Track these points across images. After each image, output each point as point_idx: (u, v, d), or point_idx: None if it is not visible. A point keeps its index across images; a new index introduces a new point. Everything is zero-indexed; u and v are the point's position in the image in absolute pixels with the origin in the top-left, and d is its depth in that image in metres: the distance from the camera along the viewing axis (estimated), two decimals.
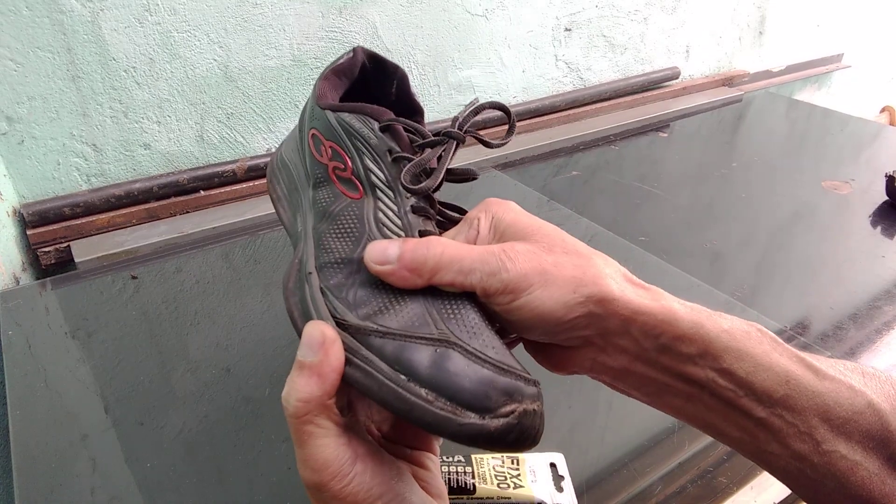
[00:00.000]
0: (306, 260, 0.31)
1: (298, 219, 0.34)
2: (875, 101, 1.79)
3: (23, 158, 0.65)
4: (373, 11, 0.80)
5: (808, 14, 1.41)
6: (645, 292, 0.29)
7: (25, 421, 0.45)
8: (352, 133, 0.33)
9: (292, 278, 0.30)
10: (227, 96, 0.74)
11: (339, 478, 0.25)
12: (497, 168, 0.89)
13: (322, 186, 0.33)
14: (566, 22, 1.00)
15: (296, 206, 0.35)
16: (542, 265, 0.28)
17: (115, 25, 0.64)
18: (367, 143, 0.33)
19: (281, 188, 0.37)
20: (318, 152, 0.34)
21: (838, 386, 0.29)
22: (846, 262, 0.69)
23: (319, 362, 0.25)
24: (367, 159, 0.33)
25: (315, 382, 0.25)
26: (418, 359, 0.26)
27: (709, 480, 0.41)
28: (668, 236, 0.72)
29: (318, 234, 0.32)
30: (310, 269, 0.30)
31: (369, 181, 0.32)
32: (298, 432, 0.25)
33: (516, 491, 0.38)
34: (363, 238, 0.31)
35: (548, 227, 0.31)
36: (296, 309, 0.29)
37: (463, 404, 0.25)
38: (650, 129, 1.07)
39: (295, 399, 0.25)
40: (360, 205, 0.32)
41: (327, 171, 0.33)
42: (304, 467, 0.26)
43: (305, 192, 0.35)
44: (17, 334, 0.54)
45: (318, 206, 0.33)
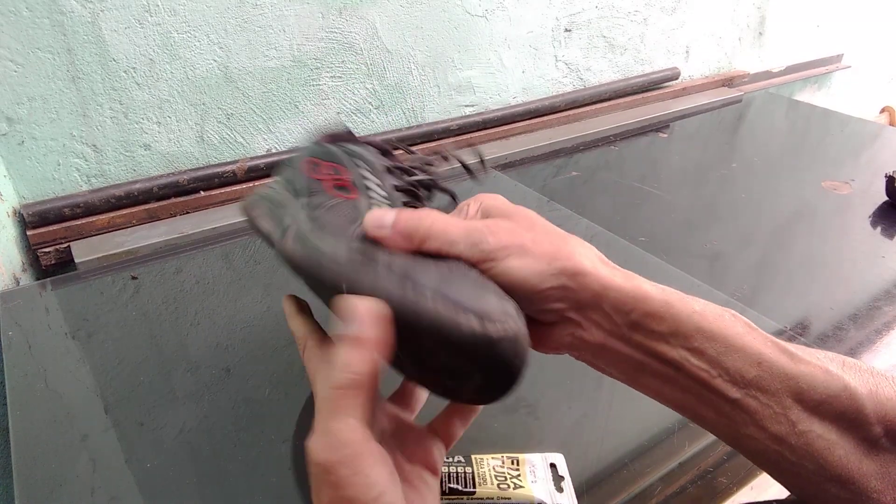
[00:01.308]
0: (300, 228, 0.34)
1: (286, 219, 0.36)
2: (875, 101, 1.79)
3: (23, 159, 0.65)
4: (373, 12, 0.80)
5: (808, 14, 1.41)
6: (617, 272, 0.31)
7: (25, 421, 0.45)
8: (353, 154, 0.39)
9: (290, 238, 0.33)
10: (227, 97, 0.74)
11: (350, 465, 0.24)
12: (497, 168, 0.89)
13: (316, 194, 0.37)
14: (566, 23, 1.00)
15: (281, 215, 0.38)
16: (521, 240, 0.31)
17: (116, 26, 0.64)
18: (366, 162, 0.38)
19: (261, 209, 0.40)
20: (313, 171, 0.39)
21: (813, 369, 0.29)
22: (846, 263, 0.69)
23: (371, 336, 0.26)
24: (365, 171, 0.38)
25: (367, 358, 0.25)
26: (427, 272, 0.28)
27: (709, 481, 0.41)
28: (669, 236, 0.72)
29: (313, 218, 0.34)
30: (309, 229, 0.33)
31: (364, 185, 0.37)
32: (337, 403, 0.25)
33: (516, 491, 0.38)
34: (358, 216, 0.34)
35: (530, 212, 0.33)
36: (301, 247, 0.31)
37: (464, 307, 0.26)
38: (650, 129, 1.07)
39: (351, 371, 0.25)
40: (355, 202, 0.36)
41: (322, 184, 0.37)
42: (323, 441, 0.25)
43: (295, 202, 0.38)
44: (18, 334, 0.54)
45: (312, 204, 0.36)
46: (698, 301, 0.31)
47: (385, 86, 0.86)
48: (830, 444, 0.29)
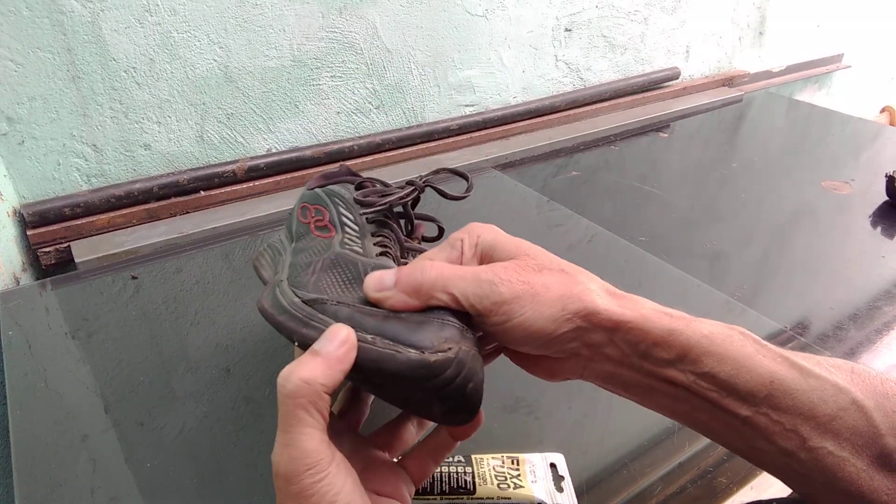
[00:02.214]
0: (277, 282, 0.36)
1: (279, 267, 0.39)
2: (875, 101, 1.79)
3: (23, 159, 0.65)
4: (373, 12, 0.80)
5: (808, 14, 1.41)
6: (626, 303, 0.31)
7: (25, 421, 0.45)
8: (333, 194, 0.41)
9: (264, 294, 0.35)
10: (227, 97, 0.74)
11: (313, 472, 0.25)
12: (497, 168, 0.89)
13: (302, 238, 0.40)
14: (566, 22, 1.00)
15: (277, 262, 0.41)
16: (533, 287, 0.30)
17: (116, 26, 0.64)
18: (342, 199, 0.40)
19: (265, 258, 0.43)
20: (303, 216, 0.41)
21: (823, 384, 0.29)
22: (846, 263, 0.69)
23: (333, 353, 0.27)
24: (342, 209, 0.40)
25: (322, 369, 0.26)
26: (368, 319, 0.30)
27: (709, 481, 0.41)
28: (669, 236, 0.72)
29: (292, 265, 0.37)
30: (281, 279, 0.35)
31: (341, 223, 0.39)
32: (289, 415, 0.26)
33: (516, 491, 0.38)
34: (328, 249, 0.36)
35: (534, 248, 0.32)
36: (267, 302, 0.34)
37: (403, 342, 0.28)
38: (650, 129, 1.07)
39: (297, 377, 0.26)
40: (331, 238, 0.38)
41: (309, 227, 0.40)
42: (282, 453, 0.26)
43: (288, 246, 0.41)
44: (18, 334, 0.54)
45: (296, 247, 0.39)
46: (706, 324, 0.31)
47: (385, 85, 0.86)
48: (841, 461, 0.29)
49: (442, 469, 0.39)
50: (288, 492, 0.26)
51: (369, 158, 0.86)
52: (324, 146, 0.82)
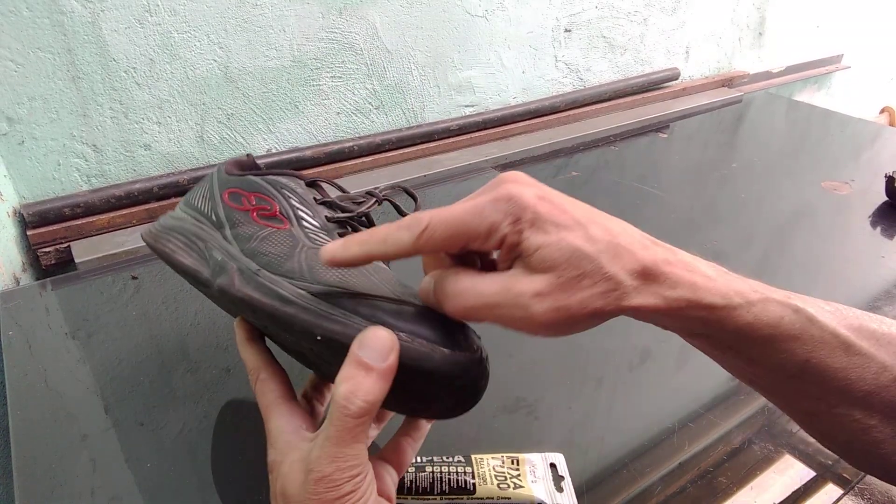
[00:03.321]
0: (247, 266, 0.34)
1: (214, 253, 0.37)
2: (875, 101, 1.79)
3: (23, 159, 0.65)
4: (373, 12, 0.80)
5: (808, 15, 1.41)
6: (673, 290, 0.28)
7: (25, 421, 0.45)
8: (279, 185, 0.39)
9: (236, 279, 0.33)
10: (227, 97, 0.74)
11: (357, 479, 0.27)
12: (497, 169, 0.89)
13: (242, 225, 0.37)
14: (566, 23, 1.00)
15: (204, 248, 0.38)
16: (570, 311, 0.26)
17: (116, 26, 0.64)
18: (293, 192, 0.38)
19: (175, 242, 0.40)
20: (235, 202, 0.39)
21: (866, 362, 0.28)
22: (846, 263, 0.69)
23: (387, 367, 0.27)
24: (295, 202, 0.38)
25: (380, 386, 0.27)
26: (390, 314, 0.29)
27: (709, 481, 0.41)
28: (669, 237, 0.71)
29: (249, 251, 0.35)
30: (254, 269, 0.33)
31: (296, 215, 0.37)
32: (349, 432, 0.26)
33: (516, 491, 0.38)
34: (299, 242, 0.35)
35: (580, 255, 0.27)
36: (249, 288, 0.32)
37: (436, 341, 0.29)
38: (650, 129, 1.07)
39: (362, 400, 0.26)
40: (288, 230, 0.36)
41: (248, 214, 0.38)
42: (329, 463, 0.26)
43: (216, 232, 0.38)
44: (18, 334, 0.54)
45: (242, 236, 0.36)
46: (756, 304, 0.28)
47: (385, 86, 0.86)
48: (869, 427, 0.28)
49: (442, 469, 0.39)
50: (327, 497, 0.26)
51: (369, 159, 0.86)
52: (324, 146, 0.82)
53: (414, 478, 0.38)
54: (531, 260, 0.27)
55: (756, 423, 0.46)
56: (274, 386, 0.32)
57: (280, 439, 0.30)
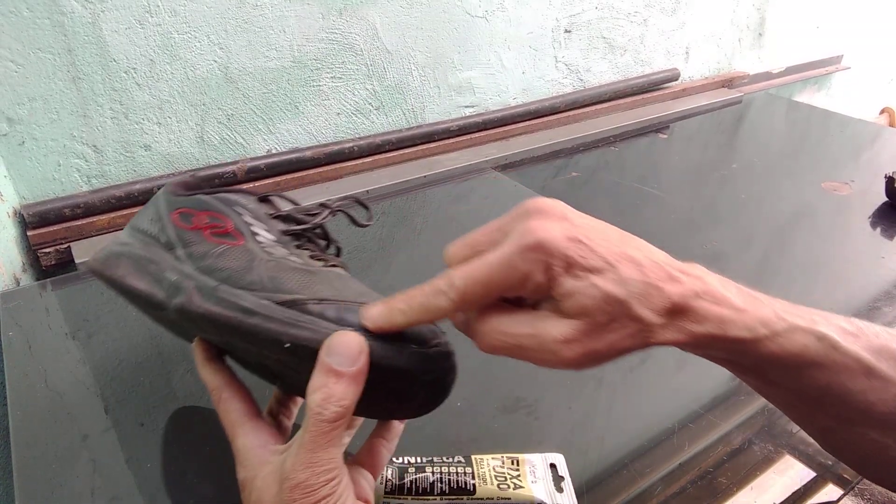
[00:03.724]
0: (205, 284, 0.33)
1: (168, 274, 0.36)
2: (875, 102, 1.79)
3: (23, 159, 0.65)
4: (373, 13, 0.80)
5: (808, 16, 1.41)
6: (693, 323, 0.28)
7: (25, 421, 0.45)
8: (229, 202, 0.38)
9: (195, 296, 0.33)
10: (227, 97, 0.74)
11: (333, 484, 0.27)
12: (497, 169, 0.89)
13: (195, 244, 0.36)
14: (566, 23, 1.00)
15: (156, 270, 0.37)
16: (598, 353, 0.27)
17: (116, 27, 0.64)
18: (245, 208, 0.37)
19: (126, 267, 0.38)
20: (185, 222, 0.38)
21: (887, 385, 0.28)
22: (846, 263, 0.69)
23: (358, 370, 0.27)
24: (248, 218, 0.37)
25: (353, 390, 0.27)
26: (357, 317, 0.30)
27: (709, 481, 0.41)
28: (669, 237, 0.72)
29: (206, 268, 0.34)
30: (212, 285, 0.33)
31: (250, 231, 0.36)
32: (323, 437, 0.27)
33: (516, 491, 0.38)
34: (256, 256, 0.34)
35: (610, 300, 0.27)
36: (210, 304, 0.32)
37: (405, 340, 0.29)
38: (650, 130, 1.07)
39: (336, 405, 0.27)
40: (244, 246, 0.35)
41: (201, 233, 0.37)
42: (304, 469, 0.26)
43: (167, 254, 0.37)
44: (18, 335, 0.54)
45: (196, 254, 0.36)
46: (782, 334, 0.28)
47: (385, 86, 0.86)
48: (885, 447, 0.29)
49: (442, 469, 0.39)
50: (304, 503, 0.26)
51: (369, 159, 0.86)
52: (324, 147, 0.82)
53: (414, 478, 0.38)
54: (562, 305, 0.27)
55: (756, 423, 0.46)
56: (237, 404, 0.32)
57: (249, 456, 0.30)
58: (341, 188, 0.81)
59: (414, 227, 0.74)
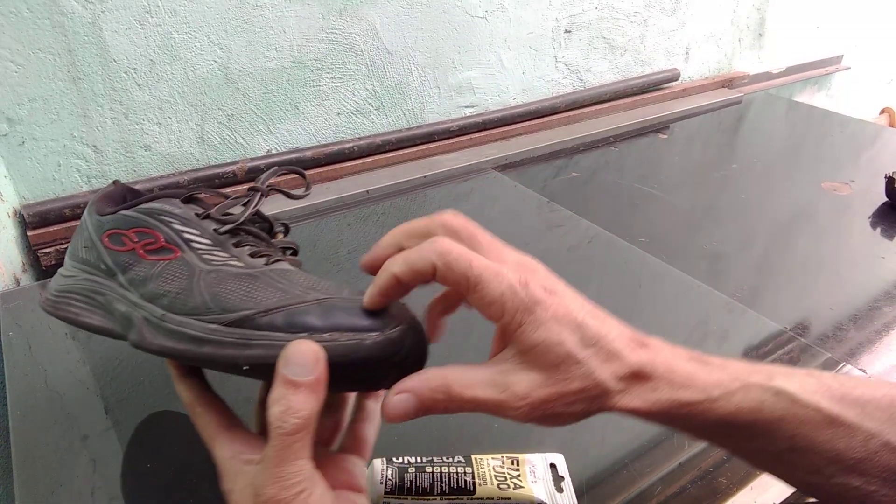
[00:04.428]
0: (151, 313, 0.33)
1: (117, 305, 0.35)
2: (875, 102, 1.79)
3: (23, 160, 0.65)
4: (373, 13, 0.80)
5: (808, 16, 1.41)
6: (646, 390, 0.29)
7: (25, 421, 0.45)
8: (154, 213, 0.36)
9: (146, 331, 0.32)
10: (227, 98, 0.74)
11: (304, 496, 0.26)
12: (497, 169, 0.89)
13: (133, 267, 0.35)
14: (566, 24, 1.00)
15: (105, 303, 0.36)
16: (554, 411, 0.28)
17: (116, 27, 0.64)
18: (172, 215, 0.35)
19: (77, 305, 0.38)
20: (118, 245, 0.36)
21: (852, 432, 0.29)
22: (846, 264, 0.69)
23: (315, 378, 0.27)
24: (178, 226, 0.35)
25: (312, 399, 0.27)
26: (308, 318, 0.29)
27: (709, 481, 0.41)
28: (669, 237, 0.72)
29: (149, 295, 0.33)
30: (159, 314, 0.32)
31: (183, 239, 0.34)
32: (286, 450, 0.26)
33: (516, 491, 0.38)
34: (195, 270, 0.33)
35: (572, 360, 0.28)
36: (161, 339, 0.31)
37: (359, 328, 0.29)
38: (650, 130, 1.07)
39: (295, 417, 0.26)
40: (181, 259, 0.34)
41: (135, 254, 0.35)
42: (272, 484, 0.26)
43: (111, 282, 0.36)
44: (18, 335, 0.54)
45: (137, 279, 0.34)
46: (737, 393, 0.29)
47: (385, 87, 0.86)
48: (872, 493, 0.29)
49: (442, 469, 0.39)
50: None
51: (369, 159, 0.86)
52: (324, 147, 0.82)
53: (414, 478, 0.38)
54: (527, 354, 0.28)
55: None
56: (211, 417, 0.32)
57: (226, 468, 0.30)
58: (341, 188, 0.81)
59: None
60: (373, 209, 0.78)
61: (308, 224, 0.74)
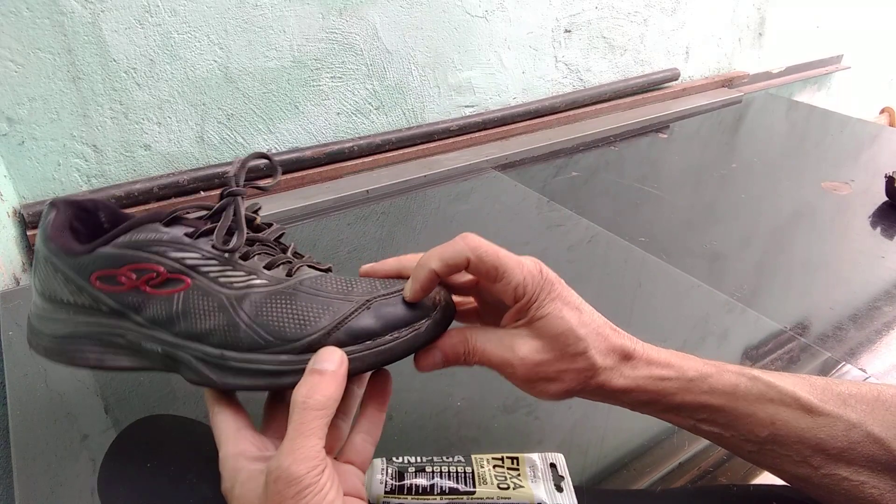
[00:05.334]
0: (205, 354, 0.32)
1: (147, 345, 0.34)
2: (875, 102, 1.79)
3: (23, 159, 0.65)
4: (373, 12, 0.80)
5: (808, 15, 1.41)
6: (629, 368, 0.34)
7: (25, 421, 0.45)
8: (142, 246, 0.33)
9: (209, 371, 0.32)
10: (227, 97, 0.74)
11: (315, 472, 0.28)
12: (497, 169, 0.89)
13: (147, 306, 0.33)
14: (566, 23, 1.00)
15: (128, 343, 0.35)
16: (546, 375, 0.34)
17: (116, 27, 0.64)
18: (162, 243, 0.33)
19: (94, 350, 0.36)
20: (115, 285, 0.34)
21: (832, 421, 0.31)
22: (846, 263, 0.69)
23: (339, 371, 0.30)
24: (173, 253, 0.33)
25: (336, 385, 0.30)
26: (364, 324, 0.32)
27: (709, 481, 0.41)
28: (669, 237, 0.72)
29: (187, 334, 0.33)
30: (217, 354, 0.32)
31: (187, 266, 0.33)
32: (305, 425, 0.28)
33: (516, 491, 0.38)
34: (226, 301, 0.32)
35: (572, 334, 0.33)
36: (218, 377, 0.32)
37: (414, 320, 0.33)
38: (650, 130, 1.07)
39: (321, 395, 0.29)
40: (195, 287, 0.33)
41: (140, 291, 0.33)
42: (287, 458, 0.28)
43: (125, 322, 0.34)
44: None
45: (160, 318, 0.33)
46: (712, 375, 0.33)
47: (385, 86, 0.86)
48: (860, 484, 0.30)
49: (442, 469, 0.39)
50: (287, 493, 0.27)
51: (369, 159, 0.86)
52: (324, 147, 0.82)
53: (414, 478, 0.38)
54: (535, 323, 0.33)
55: None
56: (226, 417, 0.33)
57: (227, 465, 0.31)
58: (341, 188, 0.81)
59: (414, 227, 0.74)
60: (373, 209, 0.78)
61: (308, 224, 0.74)
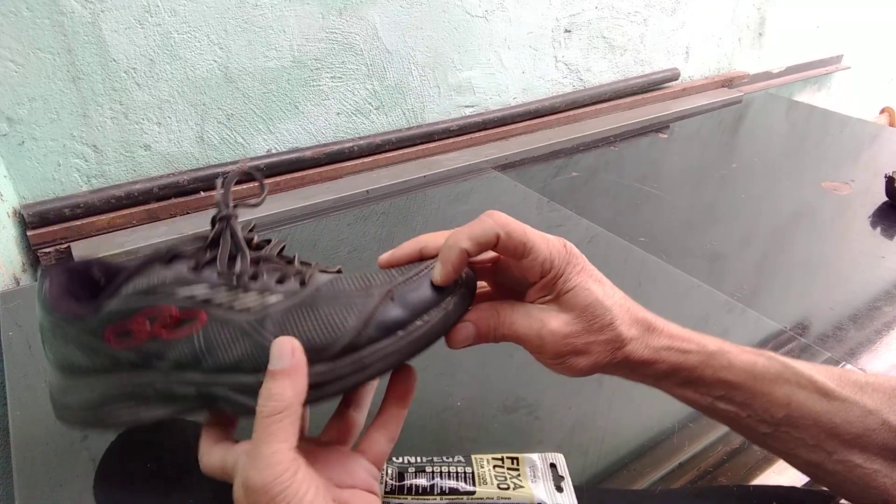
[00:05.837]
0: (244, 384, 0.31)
1: (179, 390, 0.33)
2: (875, 102, 1.79)
3: (23, 159, 0.65)
4: (373, 12, 0.80)
5: (808, 15, 1.41)
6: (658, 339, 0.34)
7: (25, 421, 0.45)
8: (147, 291, 0.32)
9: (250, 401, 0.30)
10: (227, 97, 0.74)
11: (281, 479, 0.27)
12: (497, 169, 0.89)
13: (170, 351, 0.32)
14: (566, 23, 1.00)
15: (157, 393, 0.34)
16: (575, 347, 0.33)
17: (116, 27, 0.64)
18: (166, 284, 0.32)
19: (126, 408, 0.35)
20: (130, 338, 0.33)
21: (849, 406, 0.31)
22: (846, 263, 0.69)
23: (291, 365, 0.29)
24: (181, 291, 0.32)
25: (288, 386, 0.28)
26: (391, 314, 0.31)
27: (709, 481, 0.41)
28: (669, 237, 0.72)
29: (219, 368, 0.31)
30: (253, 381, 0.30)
31: (198, 301, 0.32)
32: (264, 432, 0.27)
33: (516, 491, 0.38)
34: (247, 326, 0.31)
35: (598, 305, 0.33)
36: None
37: (440, 300, 0.32)
38: (650, 130, 1.07)
39: (272, 401, 0.28)
40: (212, 319, 0.32)
41: (158, 339, 0.32)
42: (251, 467, 0.27)
43: (151, 372, 0.33)
44: (18, 335, 0.54)
45: (186, 360, 0.32)
46: (731, 351, 0.33)
47: (385, 86, 0.86)
48: (873, 472, 0.30)
49: (442, 469, 0.39)
50: (261, 502, 0.27)
51: (369, 159, 0.86)
52: (324, 147, 0.82)
53: (414, 478, 0.38)
54: (563, 296, 0.33)
55: None
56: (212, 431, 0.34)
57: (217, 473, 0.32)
58: (341, 188, 0.81)
59: (414, 227, 0.74)
60: (373, 209, 0.78)
61: (308, 224, 0.74)
